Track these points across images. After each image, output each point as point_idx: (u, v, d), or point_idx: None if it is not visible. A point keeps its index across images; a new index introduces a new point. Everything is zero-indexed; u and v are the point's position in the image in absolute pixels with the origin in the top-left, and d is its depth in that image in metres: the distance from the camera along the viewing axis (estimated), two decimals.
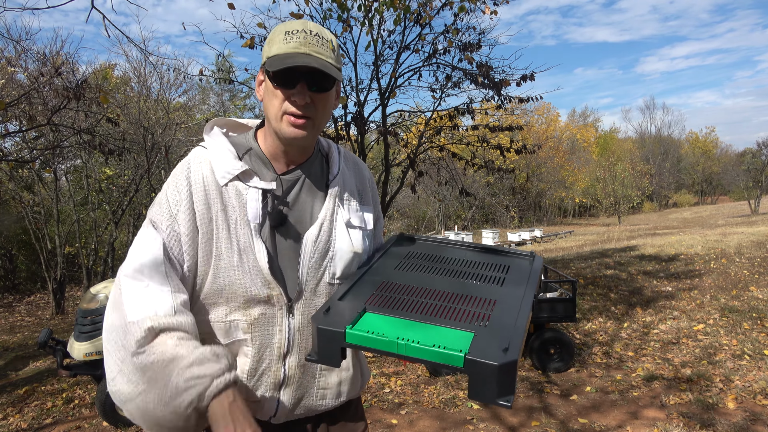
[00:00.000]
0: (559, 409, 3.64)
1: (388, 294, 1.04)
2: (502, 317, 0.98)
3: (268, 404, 1.11)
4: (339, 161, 1.20)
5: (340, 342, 0.93)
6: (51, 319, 10.30)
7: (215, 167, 1.07)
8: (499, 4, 5.28)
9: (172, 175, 1.09)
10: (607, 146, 50.84)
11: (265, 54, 1.06)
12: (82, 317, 3.81)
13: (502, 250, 1.29)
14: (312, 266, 1.10)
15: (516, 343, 0.89)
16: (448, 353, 0.86)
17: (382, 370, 4.59)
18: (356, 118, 5.46)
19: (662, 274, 8.14)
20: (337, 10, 4.95)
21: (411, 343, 0.89)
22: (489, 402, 0.86)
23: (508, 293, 1.07)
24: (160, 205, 1.06)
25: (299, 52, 1.01)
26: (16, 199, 12.42)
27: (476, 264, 1.21)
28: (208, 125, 1.16)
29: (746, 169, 35.05)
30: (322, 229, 1.12)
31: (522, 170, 33.21)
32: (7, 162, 9.17)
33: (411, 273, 1.14)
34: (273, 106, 1.05)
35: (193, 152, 1.12)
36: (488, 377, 0.85)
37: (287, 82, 1.02)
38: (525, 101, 5.60)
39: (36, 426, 3.90)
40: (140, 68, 12.00)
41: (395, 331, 0.92)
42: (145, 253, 1.02)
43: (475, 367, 0.85)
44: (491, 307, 1.01)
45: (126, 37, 6.31)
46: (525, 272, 1.18)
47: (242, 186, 1.07)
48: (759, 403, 3.50)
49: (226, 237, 1.06)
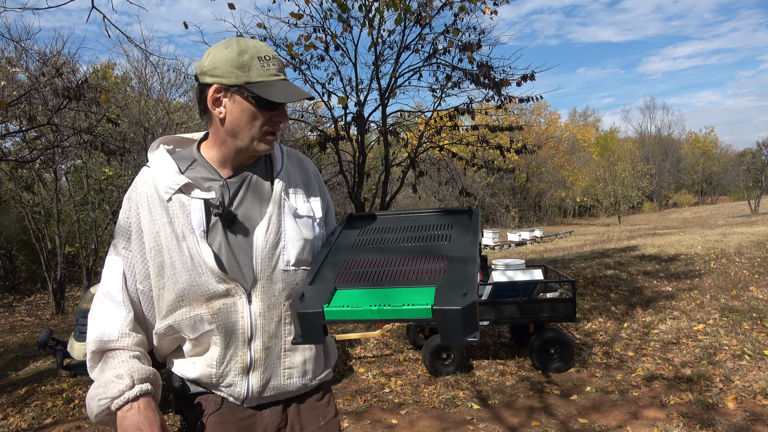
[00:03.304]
0: (560, 409, 3.64)
1: (352, 270, 1.15)
2: (456, 268, 1.09)
3: (239, 388, 1.20)
4: (282, 159, 1.30)
5: (321, 321, 1.03)
6: (51, 319, 10.30)
7: (158, 184, 1.17)
8: (500, 4, 5.28)
9: (125, 199, 1.21)
10: (607, 146, 50.85)
11: (234, 77, 1.12)
12: (82, 317, 3.80)
13: (443, 210, 1.39)
14: (265, 256, 1.18)
15: (472, 288, 1.00)
16: (417, 308, 0.98)
17: (382, 370, 4.59)
18: (356, 118, 5.46)
19: (662, 274, 8.14)
20: (337, 10, 4.95)
21: (384, 308, 1.00)
22: (459, 341, 0.98)
23: (457, 246, 1.20)
24: (118, 228, 1.20)
25: (281, 79, 1.16)
26: (16, 199, 12.42)
27: (423, 227, 1.32)
28: (153, 144, 1.26)
29: (746, 169, 35.05)
30: (271, 221, 1.20)
31: (522, 170, 33.20)
32: (7, 162, 9.17)
33: (368, 247, 1.25)
34: (254, 126, 1.15)
35: (140, 173, 1.22)
36: (454, 320, 0.97)
37: (275, 106, 1.15)
38: (525, 101, 5.60)
39: (36, 426, 3.90)
40: (141, 68, 12.01)
41: (367, 300, 1.02)
42: (109, 278, 1.19)
43: (442, 315, 0.97)
44: (445, 261, 1.13)
45: (126, 37, 6.31)
46: (467, 224, 1.30)
47: (185, 198, 1.17)
48: (759, 403, 3.50)
49: (176, 246, 1.15)
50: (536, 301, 4.31)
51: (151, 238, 1.16)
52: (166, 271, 1.15)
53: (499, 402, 3.81)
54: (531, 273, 4.61)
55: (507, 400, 3.85)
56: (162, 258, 1.15)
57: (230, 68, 1.12)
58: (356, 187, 5.77)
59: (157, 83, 12.23)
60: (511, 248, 20.35)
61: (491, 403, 3.79)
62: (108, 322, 1.16)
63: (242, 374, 1.20)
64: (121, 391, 1.08)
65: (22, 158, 9.03)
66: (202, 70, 1.15)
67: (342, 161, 5.84)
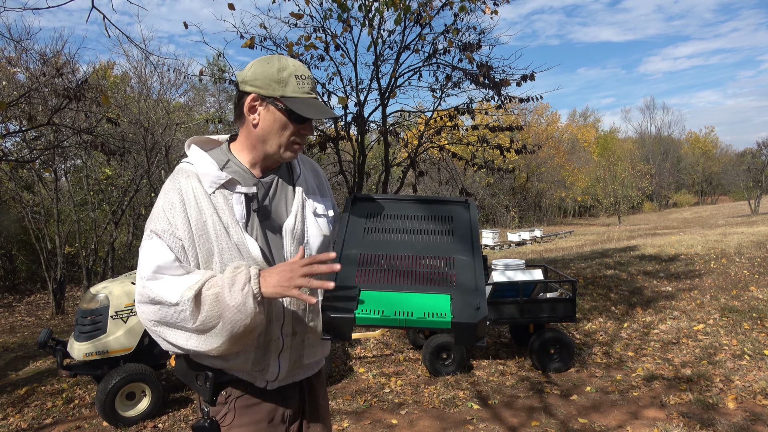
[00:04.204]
0: (559, 409, 3.64)
1: (369, 266, 1.28)
2: (464, 273, 1.27)
3: (272, 368, 1.34)
4: (299, 164, 1.46)
5: (352, 324, 1.16)
6: (51, 319, 10.30)
7: (202, 179, 1.28)
8: (500, 4, 5.27)
9: (164, 192, 1.29)
10: (607, 146, 50.83)
11: (271, 89, 1.27)
12: (82, 317, 3.80)
13: (439, 199, 1.52)
14: (293, 250, 1.35)
15: (483, 301, 1.19)
16: (438, 320, 1.15)
17: (382, 370, 4.59)
18: (356, 118, 5.46)
19: (662, 274, 8.14)
20: (337, 10, 4.95)
21: (409, 318, 1.15)
22: (470, 345, 1.18)
23: (460, 245, 1.35)
24: (157, 218, 1.26)
25: (312, 97, 1.31)
26: (16, 199, 12.40)
27: (424, 218, 1.45)
28: (186, 144, 1.38)
29: (746, 169, 35.03)
30: (297, 219, 1.36)
31: (522, 170, 33.18)
32: (7, 162, 9.16)
33: (376, 236, 1.38)
34: (283, 135, 1.30)
35: (180, 168, 1.32)
36: (469, 331, 1.16)
37: (302, 120, 1.29)
38: (525, 101, 5.60)
39: (36, 426, 3.90)
40: (141, 68, 12.01)
41: (391, 306, 1.17)
42: (156, 257, 1.22)
43: (459, 327, 1.15)
44: (453, 264, 1.29)
45: (126, 37, 6.31)
46: (466, 222, 1.44)
47: (227, 192, 1.29)
48: (759, 403, 3.50)
49: (225, 235, 1.27)
50: (536, 301, 4.31)
51: (199, 227, 1.26)
52: (215, 257, 1.26)
53: (499, 402, 3.81)
54: (531, 273, 4.61)
55: (507, 400, 3.85)
56: (210, 245, 1.26)
57: (269, 81, 1.26)
58: (356, 187, 5.77)
59: (157, 83, 12.23)
60: (511, 248, 20.34)
61: (491, 403, 3.79)
62: (182, 280, 1.21)
63: (276, 356, 1.34)
64: (246, 268, 1.19)
65: (22, 158, 9.03)
66: (243, 79, 1.28)
67: (342, 161, 5.83)
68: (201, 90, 16.87)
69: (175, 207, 1.25)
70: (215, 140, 1.41)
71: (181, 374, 1.41)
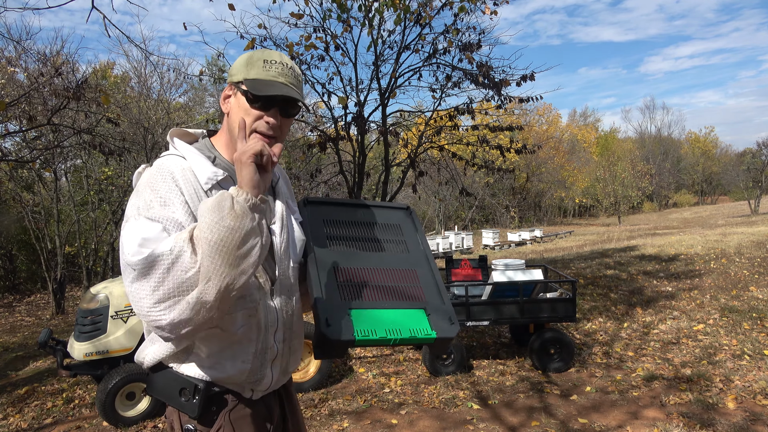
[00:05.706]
0: (559, 409, 3.64)
1: (348, 280, 1.31)
2: (430, 289, 1.37)
3: (266, 379, 1.28)
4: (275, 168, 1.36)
5: (350, 345, 1.20)
6: (51, 319, 10.30)
7: (198, 173, 1.19)
8: (500, 4, 5.27)
9: (152, 183, 1.13)
10: (607, 146, 50.83)
11: (240, 74, 1.20)
12: (82, 317, 3.81)
13: (381, 204, 1.55)
14: (283, 254, 1.27)
15: (454, 316, 1.34)
16: (424, 337, 1.26)
17: (382, 370, 4.59)
18: (356, 118, 5.46)
19: (662, 274, 8.14)
20: (337, 10, 4.95)
21: (398, 336, 1.23)
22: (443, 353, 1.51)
23: (415, 256, 1.44)
24: (148, 205, 1.10)
25: (279, 81, 1.20)
26: (16, 199, 12.40)
27: (375, 225, 1.48)
28: (169, 136, 1.28)
29: (746, 169, 35.02)
30: (283, 223, 1.29)
31: (522, 170, 33.17)
32: (7, 162, 9.16)
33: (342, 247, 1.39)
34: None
35: (170, 160, 1.20)
36: (446, 342, 1.30)
37: (264, 106, 1.19)
38: (525, 101, 5.60)
39: (36, 426, 3.90)
40: (141, 68, 12.02)
41: (381, 324, 1.24)
42: (141, 231, 1.05)
43: (441, 341, 1.28)
44: (416, 278, 1.39)
45: (126, 37, 6.31)
46: (413, 232, 1.51)
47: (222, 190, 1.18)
48: (759, 403, 3.50)
49: None
50: (536, 301, 4.31)
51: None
52: None
53: (499, 402, 3.81)
54: (531, 273, 4.61)
55: (507, 400, 3.85)
56: None
57: (240, 68, 1.21)
58: (356, 187, 5.77)
59: (157, 83, 12.24)
60: (511, 248, 20.34)
61: (491, 403, 3.79)
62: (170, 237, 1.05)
63: (270, 364, 1.27)
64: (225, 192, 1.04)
65: (22, 158, 9.02)
66: (228, 73, 1.25)
67: (342, 161, 5.83)
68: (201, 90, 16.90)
69: (171, 192, 1.12)
70: (192, 134, 1.32)
71: (157, 391, 1.25)
